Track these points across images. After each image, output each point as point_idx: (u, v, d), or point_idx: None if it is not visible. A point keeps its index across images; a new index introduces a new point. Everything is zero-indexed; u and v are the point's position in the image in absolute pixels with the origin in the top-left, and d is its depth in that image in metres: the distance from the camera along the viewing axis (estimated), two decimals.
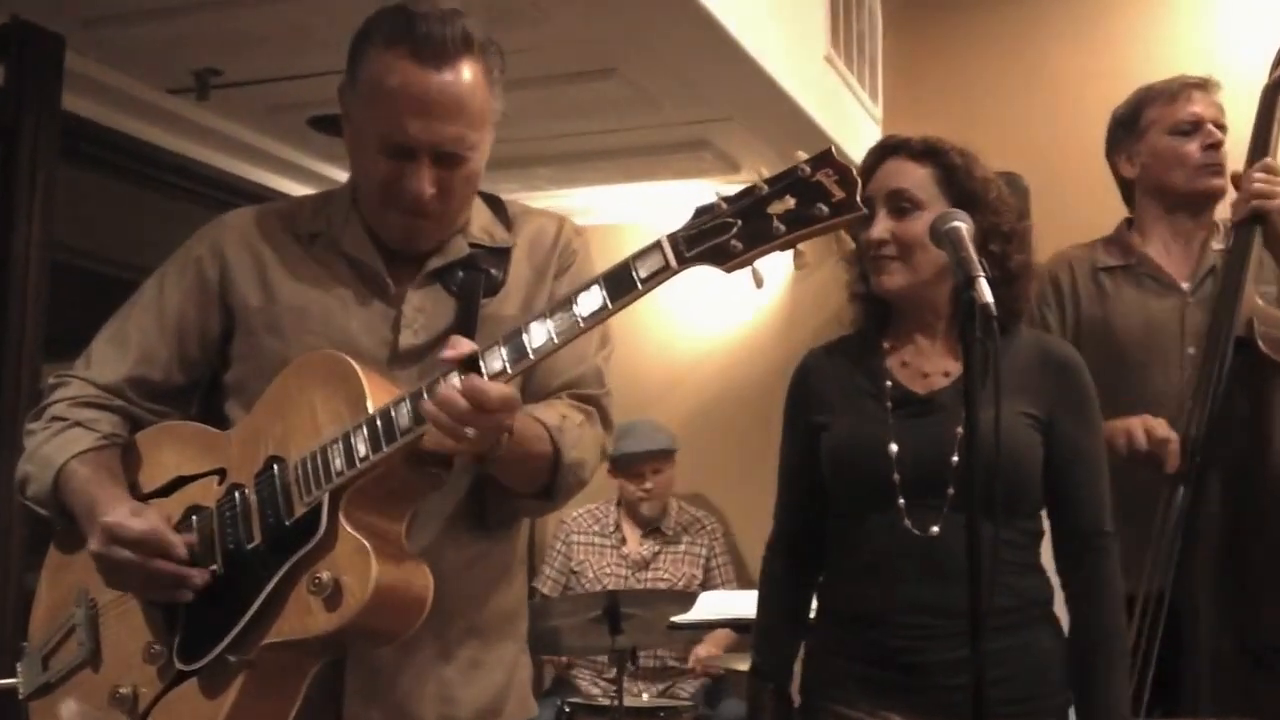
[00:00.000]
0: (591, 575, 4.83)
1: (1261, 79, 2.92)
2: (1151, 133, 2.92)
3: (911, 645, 2.06)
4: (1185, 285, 2.86)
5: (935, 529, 2.05)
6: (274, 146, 4.66)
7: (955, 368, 2.14)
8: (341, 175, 1.76)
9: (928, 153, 2.17)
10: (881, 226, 2.15)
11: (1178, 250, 2.91)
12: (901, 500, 2.07)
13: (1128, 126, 2.98)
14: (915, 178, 2.16)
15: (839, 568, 2.20)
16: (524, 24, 3.49)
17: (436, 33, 1.75)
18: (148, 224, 4.36)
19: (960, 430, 2.01)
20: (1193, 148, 2.87)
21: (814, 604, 2.29)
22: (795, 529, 2.28)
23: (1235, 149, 2.93)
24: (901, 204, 2.14)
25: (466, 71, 1.77)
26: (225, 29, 3.67)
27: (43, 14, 3.50)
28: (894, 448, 2.09)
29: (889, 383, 2.16)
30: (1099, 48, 4.99)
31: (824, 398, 2.22)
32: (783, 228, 1.51)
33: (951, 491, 2.05)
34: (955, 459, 2.06)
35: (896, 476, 2.07)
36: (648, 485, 4.81)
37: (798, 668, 2.28)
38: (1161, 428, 2.60)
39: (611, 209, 5.34)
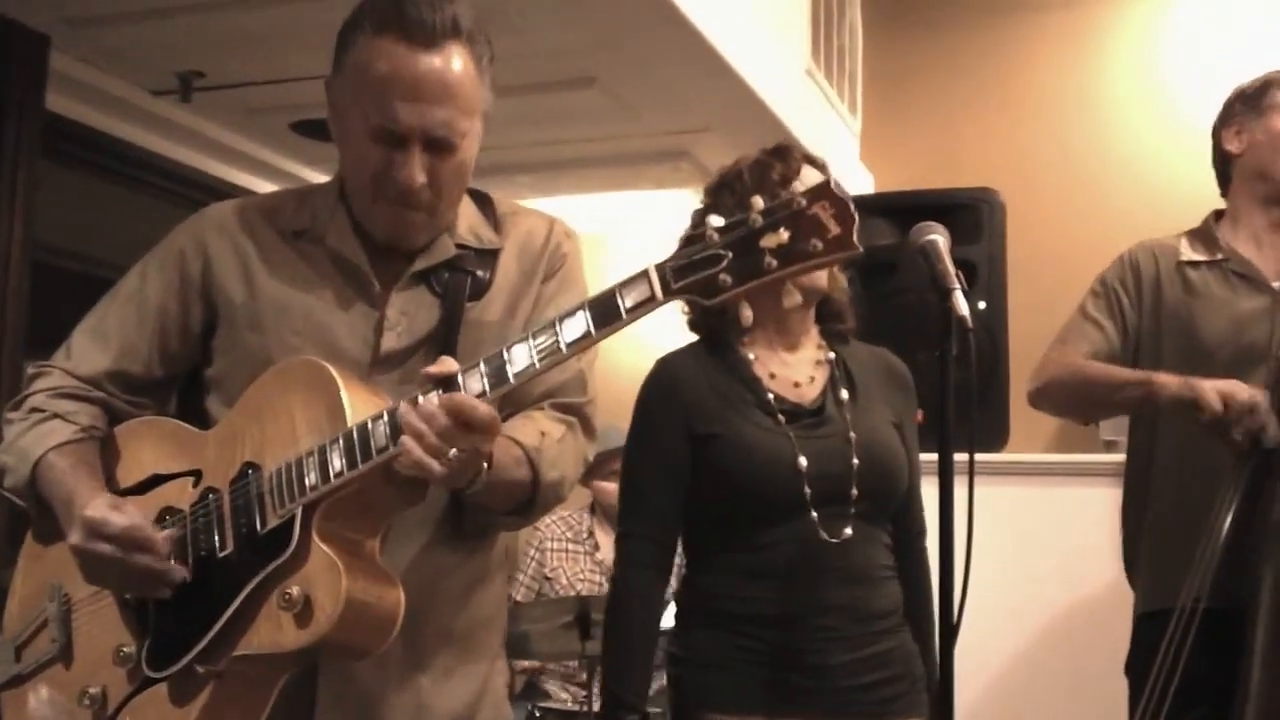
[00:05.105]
0: (565, 581, 4.81)
1: (1206, 107, 2.92)
2: (1272, 115, 2.81)
3: (819, 647, 2.10)
4: (1277, 284, 2.73)
5: (848, 530, 2.12)
6: (255, 149, 4.67)
7: (820, 374, 2.24)
8: (322, 179, 1.78)
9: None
10: None
11: (1269, 246, 2.80)
12: (814, 513, 2.11)
13: (1249, 101, 2.86)
14: None
15: (735, 572, 2.16)
16: (505, 32, 3.49)
17: (426, 17, 1.74)
18: (129, 224, 4.37)
19: (853, 436, 2.16)
20: None
21: (671, 611, 2.26)
22: (663, 540, 2.22)
23: (1193, 182, 2.92)
24: None
25: (456, 56, 1.76)
26: (209, 32, 3.69)
27: (27, 13, 3.51)
28: (803, 461, 2.12)
29: (770, 395, 2.19)
30: (1067, 69, 5.05)
31: (703, 407, 2.19)
32: (774, 262, 1.46)
33: (856, 494, 2.13)
34: (856, 462, 2.14)
35: (808, 490, 2.11)
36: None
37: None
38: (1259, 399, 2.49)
39: (590, 218, 5.33)
